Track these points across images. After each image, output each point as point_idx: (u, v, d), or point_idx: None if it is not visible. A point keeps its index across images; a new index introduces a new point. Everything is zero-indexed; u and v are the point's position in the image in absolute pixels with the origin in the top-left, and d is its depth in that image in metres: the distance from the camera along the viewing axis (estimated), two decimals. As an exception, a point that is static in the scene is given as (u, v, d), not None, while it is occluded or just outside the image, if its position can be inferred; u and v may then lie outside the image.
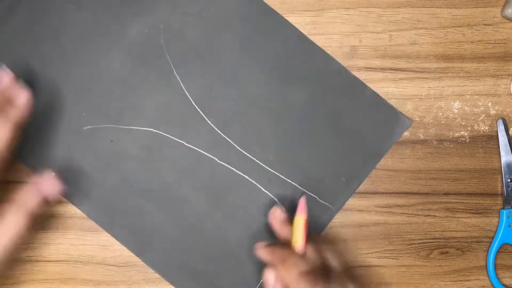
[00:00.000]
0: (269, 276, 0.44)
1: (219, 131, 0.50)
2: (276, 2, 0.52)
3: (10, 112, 0.46)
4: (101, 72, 0.51)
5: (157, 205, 0.50)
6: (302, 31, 0.52)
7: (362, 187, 0.52)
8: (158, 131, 0.51)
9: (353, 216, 0.52)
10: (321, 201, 0.50)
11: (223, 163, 0.50)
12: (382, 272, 0.52)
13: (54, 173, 0.46)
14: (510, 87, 0.52)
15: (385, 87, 0.52)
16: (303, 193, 0.49)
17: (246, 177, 0.50)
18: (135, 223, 0.50)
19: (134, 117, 0.51)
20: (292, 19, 0.52)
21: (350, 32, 0.52)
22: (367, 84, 0.52)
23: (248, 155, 0.50)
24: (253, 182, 0.50)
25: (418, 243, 0.52)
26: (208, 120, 0.50)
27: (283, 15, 0.52)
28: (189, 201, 0.50)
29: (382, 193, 0.52)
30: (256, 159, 0.50)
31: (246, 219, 0.50)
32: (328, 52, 0.52)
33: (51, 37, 0.50)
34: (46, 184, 0.45)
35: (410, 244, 0.52)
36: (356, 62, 0.52)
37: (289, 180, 0.50)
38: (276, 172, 0.50)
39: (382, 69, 0.52)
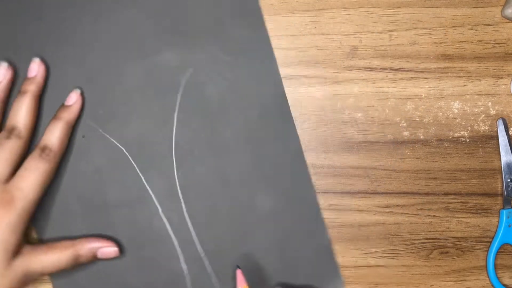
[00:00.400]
0: None
1: (178, 188, 0.51)
2: (276, 2, 0.52)
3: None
4: (115, 75, 0.51)
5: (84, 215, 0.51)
6: (302, 31, 0.52)
7: (362, 187, 0.52)
8: (127, 154, 0.51)
9: (353, 216, 0.52)
10: None
11: (163, 218, 0.50)
12: (382, 272, 0.52)
13: None
14: (510, 87, 0.52)
15: (385, 87, 0.52)
16: (237, 266, 0.49)
17: (175, 242, 0.51)
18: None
19: (116, 128, 0.51)
20: (292, 19, 0.52)
21: (350, 32, 0.52)
22: (367, 84, 0.52)
23: (191, 229, 0.51)
24: (177, 248, 0.51)
25: (418, 243, 0.52)
26: (175, 172, 0.51)
27: (283, 15, 0.52)
28: (114, 228, 0.51)
29: (382, 193, 0.52)
30: (196, 234, 0.51)
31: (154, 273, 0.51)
32: (328, 52, 0.52)
33: (86, 43, 0.51)
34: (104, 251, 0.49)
35: (410, 244, 0.52)
36: (356, 62, 0.52)
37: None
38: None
39: (382, 69, 0.52)
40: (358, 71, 0.52)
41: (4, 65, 0.49)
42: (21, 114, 0.48)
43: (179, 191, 0.51)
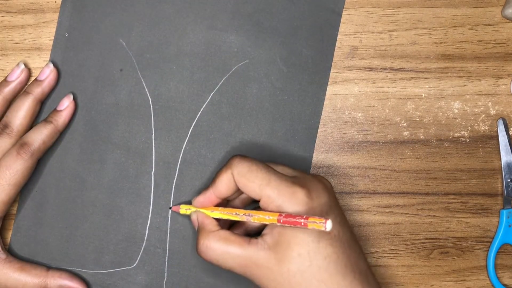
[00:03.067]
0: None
1: (179, 160, 0.51)
2: (276, 2, 0.52)
3: (33, 142, 0.47)
4: (177, 31, 0.51)
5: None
6: (302, 31, 0.52)
7: (362, 187, 0.52)
8: (151, 104, 0.51)
9: (353, 216, 0.52)
10: None
11: (152, 179, 0.51)
12: (382, 272, 0.52)
13: None
14: (510, 87, 0.52)
15: (385, 87, 0.52)
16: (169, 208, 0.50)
17: (150, 207, 0.51)
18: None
19: (153, 78, 0.51)
20: (292, 19, 0.52)
21: (350, 32, 0.52)
22: (367, 84, 0.52)
23: (170, 203, 0.51)
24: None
25: (418, 243, 0.52)
26: (184, 144, 0.51)
27: (283, 15, 0.52)
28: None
29: (382, 193, 0.52)
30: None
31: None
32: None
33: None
34: None
35: (410, 244, 0.52)
36: (356, 62, 0.52)
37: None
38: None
39: (382, 69, 0.52)
40: (358, 71, 0.52)
41: (21, 66, 0.49)
42: (18, 115, 0.48)
43: (179, 163, 0.51)
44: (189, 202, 0.48)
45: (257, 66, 0.51)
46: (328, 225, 0.39)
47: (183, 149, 0.51)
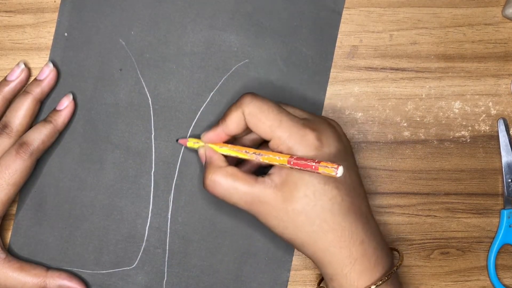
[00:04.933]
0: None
1: (179, 160, 0.51)
2: (276, 1, 0.52)
3: (34, 142, 0.47)
4: (177, 31, 0.51)
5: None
6: (302, 30, 0.51)
7: (363, 187, 0.52)
8: (150, 103, 0.51)
9: (353, 216, 0.52)
10: None
11: (152, 179, 0.51)
12: (383, 272, 0.52)
13: None
14: (510, 87, 0.52)
15: (386, 87, 0.52)
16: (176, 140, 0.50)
17: (150, 207, 0.51)
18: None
19: (153, 77, 0.51)
20: (292, 18, 0.52)
21: (350, 32, 0.52)
22: (368, 84, 0.52)
23: (170, 203, 0.51)
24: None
25: (419, 244, 0.52)
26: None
27: (283, 15, 0.51)
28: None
29: (382, 193, 0.52)
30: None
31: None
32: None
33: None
34: None
35: (411, 245, 0.52)
36: (357, 62, 0.52)
37: None
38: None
39: (383, 69, 0.52)
40: (358, 71, 0.52)
41: (21, 66, 0.49)
42: (18, 114, 0.48)
43: (178, 163, 0.51)
44: (198, 137, 0.48)
45: (257, 65, 0.51)
46: (340, 171, 0.40)
47: (182, 149, 0.51)
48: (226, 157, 0.45)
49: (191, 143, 0.48)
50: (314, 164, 0.40)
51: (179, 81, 0.51)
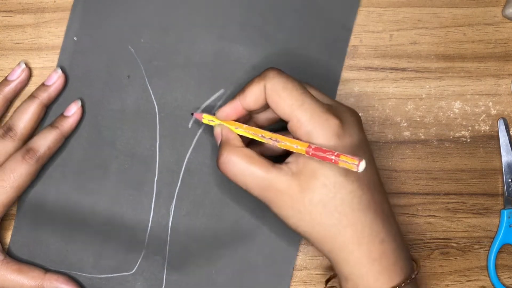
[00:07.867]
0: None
1: (183, 168, 0.50)
2: (276, 1, 0.52)
3: (39, 147, 0.47)
4: (187, 41, 0.51)
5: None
6: (303, 30, 0.51)
7: (363, 187, 0.52)
8: (156, 109, 0.50)
9: (353, 216, 0.52)
10: None
11: (155, 187, 0.50)
12: (383, 272, 0.52)
13: None
14: (511, 87, 0.52)
15: (386, 87, 0.52)
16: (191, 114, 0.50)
17: (151, 215, 0.51)
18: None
19: (160, 85, 0.51)
20: (292, 18, 0.52)
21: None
22: (368, 84, 0.52)
23: (171, 211, 0.51)
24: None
25: (419, 244, 0.52)
26: (189, 153, 0.50)
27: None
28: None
29: (383, 193, 0.52)
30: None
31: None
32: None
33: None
34: None
35: (411, 245, 0.52)
36: (357, 62, 0.52)
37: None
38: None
39: (383, 69, 0.52)
40: (358, 71, 0.52)
41: (22, 65, 0.49)
42: (23, 118, 0.48)
43: (182, 172, 0.51)
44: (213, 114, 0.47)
45: None
46: (361, 166, 0.37)
47: (186, 158, 0.51)
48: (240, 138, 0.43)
49: (206, 119, 0.46)
50: (333, 157, 0.37)
51: (186, 90, 0.51)
